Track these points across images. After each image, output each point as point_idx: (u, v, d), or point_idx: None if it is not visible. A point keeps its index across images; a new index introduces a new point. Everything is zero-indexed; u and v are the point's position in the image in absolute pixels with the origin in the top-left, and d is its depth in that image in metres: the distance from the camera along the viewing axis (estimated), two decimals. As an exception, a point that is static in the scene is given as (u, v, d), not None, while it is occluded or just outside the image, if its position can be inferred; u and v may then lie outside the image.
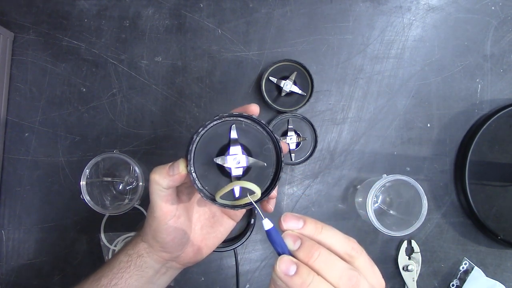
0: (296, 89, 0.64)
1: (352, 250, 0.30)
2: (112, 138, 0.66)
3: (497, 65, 0.68)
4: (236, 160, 0.35)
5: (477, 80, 0.68)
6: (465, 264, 0.65)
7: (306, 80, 0.65)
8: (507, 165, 0.65)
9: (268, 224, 0.31)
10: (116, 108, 0.66)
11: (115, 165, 0.65)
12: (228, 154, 0.35)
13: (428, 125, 0.67)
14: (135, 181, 0.64)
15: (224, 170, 0.36)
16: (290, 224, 0.31)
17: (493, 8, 0.68)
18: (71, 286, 0.43)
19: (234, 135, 0.36)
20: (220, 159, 0.35)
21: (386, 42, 0.68)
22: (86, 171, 0.59)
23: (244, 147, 0.36)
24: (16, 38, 0.66)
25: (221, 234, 0.44)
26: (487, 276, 0.64)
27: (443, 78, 0.68)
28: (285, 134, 0.65)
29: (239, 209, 0.36)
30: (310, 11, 0.68)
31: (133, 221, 0.65)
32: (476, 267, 0.64)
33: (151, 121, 0.66)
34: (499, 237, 0.63)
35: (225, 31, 0.67)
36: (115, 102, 0.66)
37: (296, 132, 0.65)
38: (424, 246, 0.66)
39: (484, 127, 0.64)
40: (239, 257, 0.64)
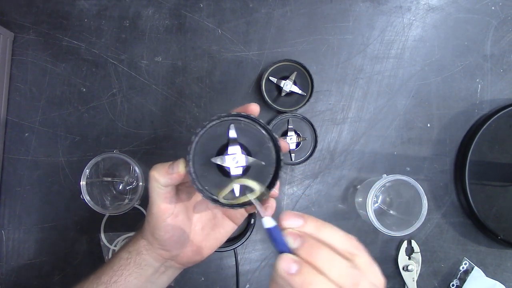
0: (296, 89, 0.64)
1: (352, 248, 0.30)
2: (112, 138, 0.66)
3: (497, 65, 0.68)
4: (235, 160, 0.35)
5: (477, 80, 0.68)
6: (465, 264, 0.65)
7: (306, 80, 0.65)
8: (507, 165, 0.65)
9: (269, 222, 0.31)
10: (116, 108, 0.66)
11: (115, 165, 0.65)
12: (226, 154, 0.35)
13: (428, 125, 0.67)
14: (135, 181, 0.64)
15: (224, 170, 0.36)
16: (290, 222, 0.31)
17: (493, 8, 0.68)
18: (72, 286, 0.43)
19: (233, 134, 0.36)
20: (218, 159, 0.35)
21: (386, 42, 0.68)
22: (86, 171, 0.59)
23: (243, 146, 0.36)
24: (16, 38, 0.66)
25: (222, 236, 0.44)
26: (487, 276, 0.64)
27: (443, 78, 0.68)
28: (285, 134, 0.65)
29: (238, 208, 0.36)
30: (310, 11, 0.68)
31: (133, 221, 0.65)
32: (476, 267, 0.64)
33: (151, 121, 0.66)
34: (499, 237, 0.63)
35: (225, 31, 0.67)
36: (115, 102, 0.66)
37: (296, 132, 0.65)
38: (424, 246, 0.66)
39: (484, 127, 0.64)
40: (239, 257, 0.64)
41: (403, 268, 0.65)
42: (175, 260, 0.43)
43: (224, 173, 0.36)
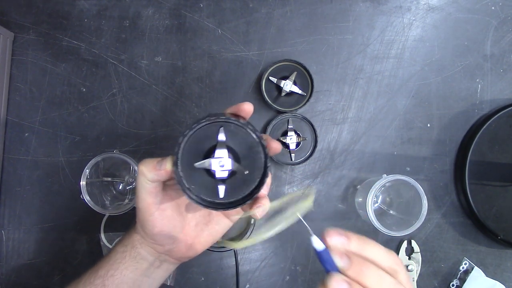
0: (296, 89, 0.64)
1: (394, 265, 0.31)
2: (112, 138, 0.66)
3: (497, 65, 0.68)
4: (221, 163, 0.35)
5: (477, 80, 0.68)
6: (465, 264, 0.65)
7: (306, 80, 0.65)
8: (507, 165, 0.65)
9: (318, 244, 0.32)
10: (116, 108, 0.66)
11: (115, 165, 0.65)
12: (213, 157, 0.35)
13: (428, 125, 0.67)
14: (135, 181, 0.64)
15: (211, 171, 0.36)
16: (335, 240, 0.32)
17: (493, 8, 0.68)
18: (72, 281, 0.44)
19: (222, 137, 0.35)
20: (204, 163, 0.35)
21: (386, 42, 0.68)
22: (86, 171, 0.59)
23: (232, 149, 0.36)
24: (16, 38, 0.66)
25: (216, 232, 0.44)
26: (487, 276, 0.64)
27: (443, 78, 0.68)
28: (285, 134, 0.65)
29: (222, 210, 0.36)
30: (310, 11, 0.68)
31: (133, 221, 0.64)
32: (476, 267, 0.64)
33: (151, 121, 0.66)
34: (499, 237, 0.63)
35: (225, 31, 0.67)
36: (115, 102, 0.66)
37: (296, 132, 0.65)
38: (424, 246, 0.66)
39: (484, 127, 0.64)
40: (239, 257, 0.64)
41: (403, 268, 0.65)
42: (169, 255, 0.43)
43: (211, 174, 0.36)
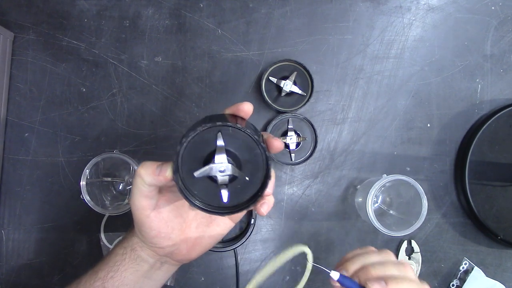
0: (296, 89, 0.64)
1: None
2: (112, 138, 0.66)
3: (497, 65, 0.68)
4: (221, 169, 0.34)
5: (477, 80, 0.68)
6: (465, 264, 0.65)
7: (306, 80, 0.65)
8: (507, 165, 0.65)
9: (335, 275, 0.38)
10: (116, 108, 0.66)
11: (115, 165, 0.65)
12: (213, 163, 0.34)
13: (428, 125, 0.67)
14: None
15: (211, 176, 0.36)
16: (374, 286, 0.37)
17: (493, 8, 0.68)
18: (71, 281, 0.44)
19: (220, 142, 0.34)
20: (200, 172, 0.34)
21: (386, 42, 0.68)
22: (86, 171, 0.59)
23: (232, 153, 0.35)
24: (16, 38, 0.66)
25: (218, 234, 0.44)
26: (487, 276, 0.64)
27: (443, 78, 0.68)
28: (285, 134, 0.65)
29: (228, 214, 0.36)
30: (310, 11, 0.68)
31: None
32: (476, 267, 0.64)
33: (151, 121, 0.66)
34: (499, 237, 0.63)
35: (225, 31, 0.67)
36: (115, 102, 0.66)
37: (296, 132, 0.65)
38: (424, 246, 0.66)
39: (484, 127, 0.64)
40: (239, 257, 0.64)
41: (403, 268, 0.65)
42: (170, 257, 0.43)
43: (213, 179, 0.36)
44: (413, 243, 0.65)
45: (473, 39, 0.68)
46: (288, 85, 0.64)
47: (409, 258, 0.65)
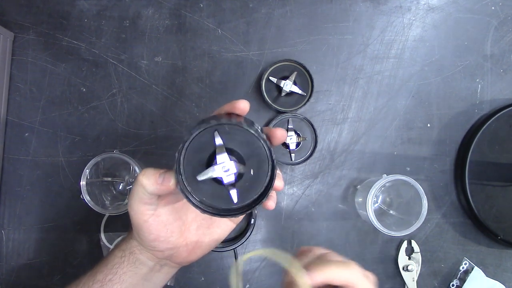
0: (296, 89, 0.64)
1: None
2: (112, 138, 0.66)
3: (497, 65, 0.68)
4: (225, 168, 0.33)
5: (477, 80, 0.68)
6: (465, 264, 0.65)
7: (306, 80, 0.65)
8: (507, 165, 0.65)
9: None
10: (116, 108, 0.66)
11: (115, 165, 0.65)
12: (215, 164, 0.34)
13: (428, 125, 0.67)
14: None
15: (218, 179, 0.35)
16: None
17: (493, 8, 0.68)
18: (71, 282, 0.43)
19: (219, 141, 0.34)
20: (203, 174, 0.34)
21: (386, 42, 0.68)
22: (86, 171, 0.59)
23: (233, 150, 0.35)
24: (16, 38, 0.66)
25: (218, 235, 0.43)
26: (487, 276, 0.64)
27: (443, 78, 0.68)
28: (285, 134, 0.65)
29: (241, 214, 0.35)
30: (310, 11, 0.68)
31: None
32: (476, 267, 0.64)
33: (151, 121, 0.66)
34: (499, 237, 0.63)
35: (225, 31, 0.67)
36: (115, 102, 0.66)
37: (296, 132, 0.65)
38: (424, 246, 0.66)
39: (484, 127, 0.64)
40: (239, 257, 0.64)
41: (403, 268, 0.65)
42: (170, 260, 0.42)
43: (219, 181, 0.35)
44: (413, 243, 0.65)
45: (473, 39, 0.68)
46: (288, 85, 0.64)
47: (409, 258, 0.65)
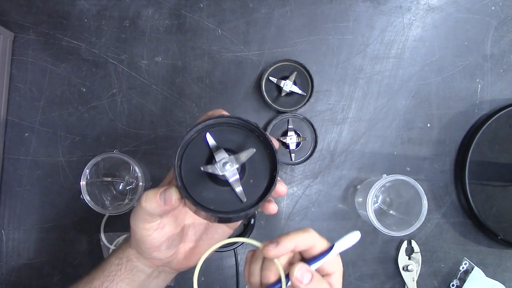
0: (296, 89, 0.64)
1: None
2: (112, 138, 0.66)
3: (497, 65, 0.68)
4: (226, 164, 0.33)
5: (477, 80, 0.68)
6: (465, 264, 0.65)
7: (306, 80, 0.65)
8: (507, 165, 0.65)
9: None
10: (116, 108, 0.66)
11: (115, 165, 0.65)
12: (215, 163, 0.33)
13: (428, 125, 0.67)
14: (135, 181, 0.64)
15: (218, 179, 0.34)
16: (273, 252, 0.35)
17: (493, 8, 0.68)
18: (71, 283, 0.43)
19: (211, 141, 0.34)
20: (209, 168, 0.33)
21: (386, 42, 0.68)
22: (86, 171, 0.59)
23: (231, 149, 0.34)
24: (16, 38, 0.66)
25: (215, 240, 0.43)
26: (487, 276, 0.64)
27: (443, 78, 0.68)
28: (285, 134, 0.65)
29: (251, 212, 0.35)
30: (310, 11, 0.68)
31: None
32: (476, 267, 0.64)
33: (151, 121, 0.66)
34: (499, 237, 0.63)
35: (225, 31, 0.67)
36: (115, 102, 0.66)
37: (296, 132, 0.65)
38: (424, 246, 0.66)
39: (484, 127, 0.64)
40: (239, 257, 0.64)
41: (403, 268, 0.65)
42: (168, 266, 0.42)
43: (220, 183, 0.34)
44: (413, 243, 0.65)
45: (473, 39, 0.68)
46: (288, 85, 0.64)
47: (409, 258, 0.65)
